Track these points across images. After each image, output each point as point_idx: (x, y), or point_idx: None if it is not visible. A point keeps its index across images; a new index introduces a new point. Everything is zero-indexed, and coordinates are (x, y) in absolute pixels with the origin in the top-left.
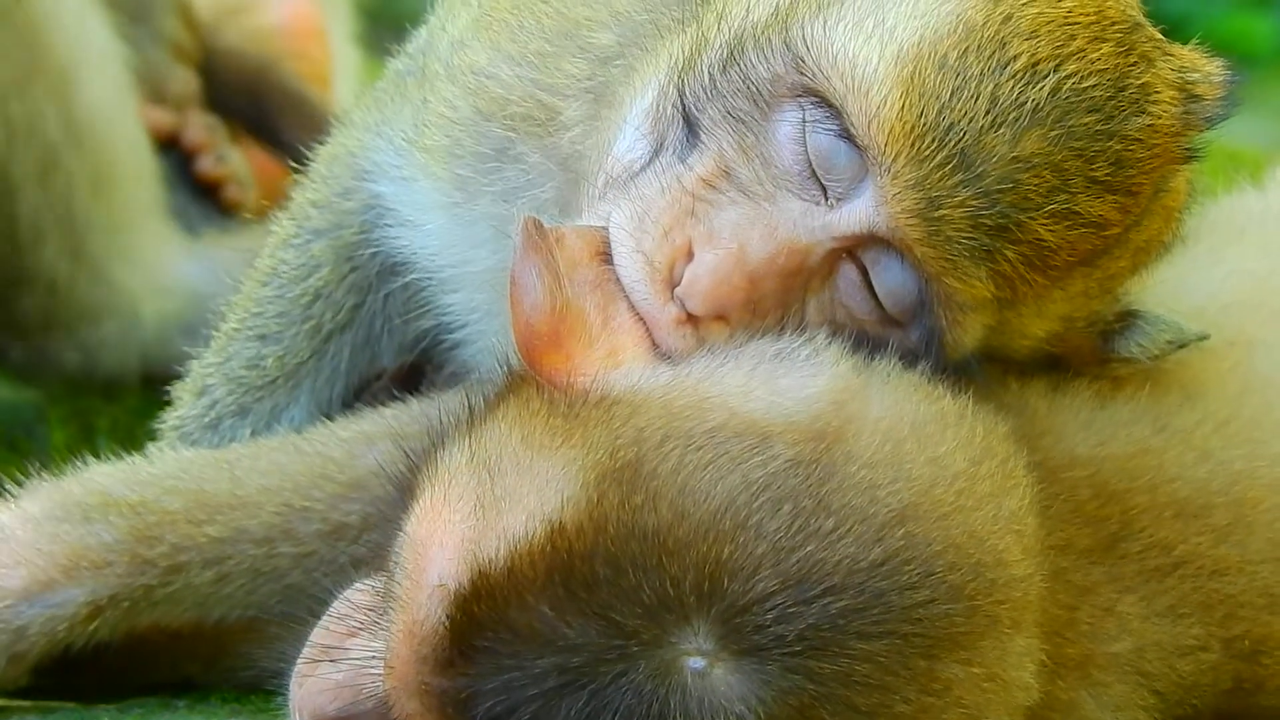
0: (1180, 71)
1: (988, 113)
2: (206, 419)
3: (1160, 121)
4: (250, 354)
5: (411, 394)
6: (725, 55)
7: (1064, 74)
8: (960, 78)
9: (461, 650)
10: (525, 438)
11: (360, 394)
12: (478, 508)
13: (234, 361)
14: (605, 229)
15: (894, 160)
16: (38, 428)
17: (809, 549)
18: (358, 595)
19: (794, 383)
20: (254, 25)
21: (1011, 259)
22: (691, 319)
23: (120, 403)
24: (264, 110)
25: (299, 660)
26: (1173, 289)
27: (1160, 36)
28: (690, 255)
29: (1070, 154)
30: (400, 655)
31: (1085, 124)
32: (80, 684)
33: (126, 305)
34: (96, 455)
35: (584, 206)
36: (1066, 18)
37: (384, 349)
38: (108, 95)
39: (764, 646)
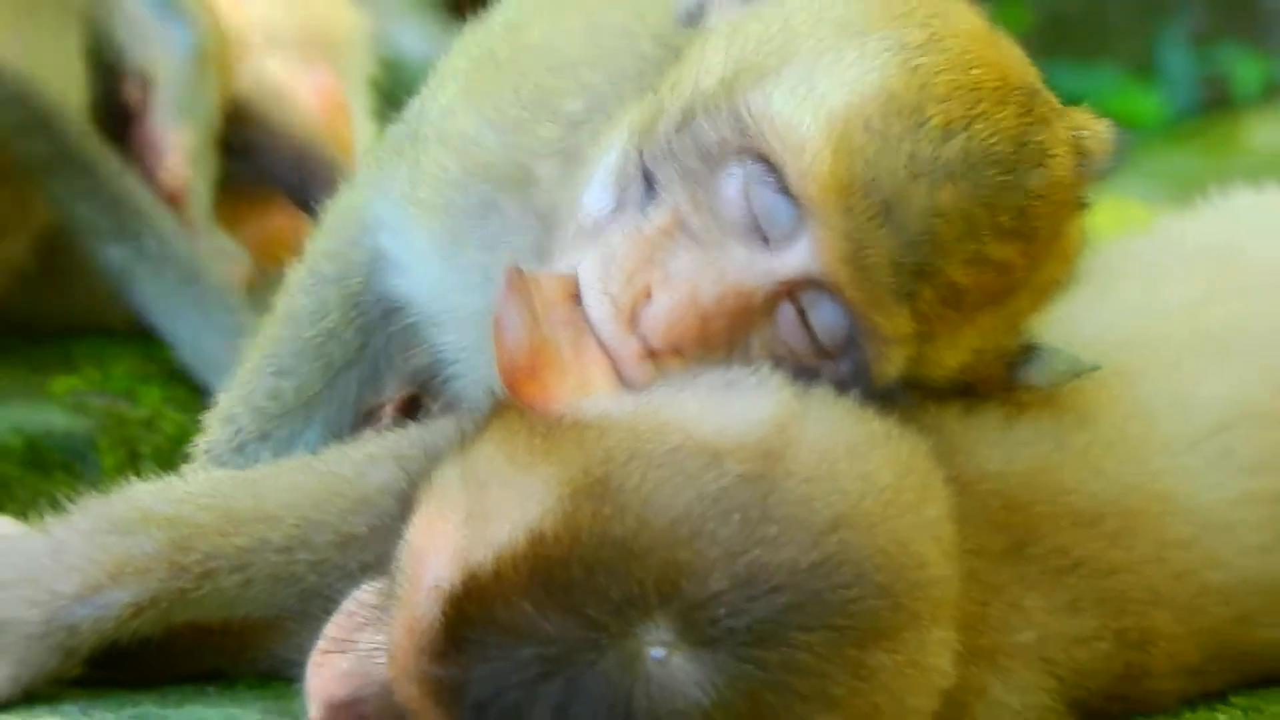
0: (1074, 131)
1: (907, 169)
2: (233, 444)
3: (1057, 175)
4: (270, 387)
5: (411, 421)
6: (679, 120)
7: (972, 134)
8: (883, 138)
9: (454, 642)
10: (509, 457)
11: (366, 420)
12: (468, 518)
13: (256, 393)
14: (576, 274)
15: (826, 211)
16: (89, 454)
17: (755, 553)
18: (365, 595)
19: (741, 408)
20: (296, 104)
21: (929, 298)
22: (652, 353)
23: (160, 431)
24: (304, 179)
25: (314, 651)
26: (1069, 324)
27: (1056, 101)
28: (650, 297)
29: (979, 204)
30: (401, 647)
31: (992, 178)
32: (125, 674)
33: None
34: (139, 477)
35: (557, 254)
36: (974, 84)
37: (387, 381)
38: None
39: (717, 638)
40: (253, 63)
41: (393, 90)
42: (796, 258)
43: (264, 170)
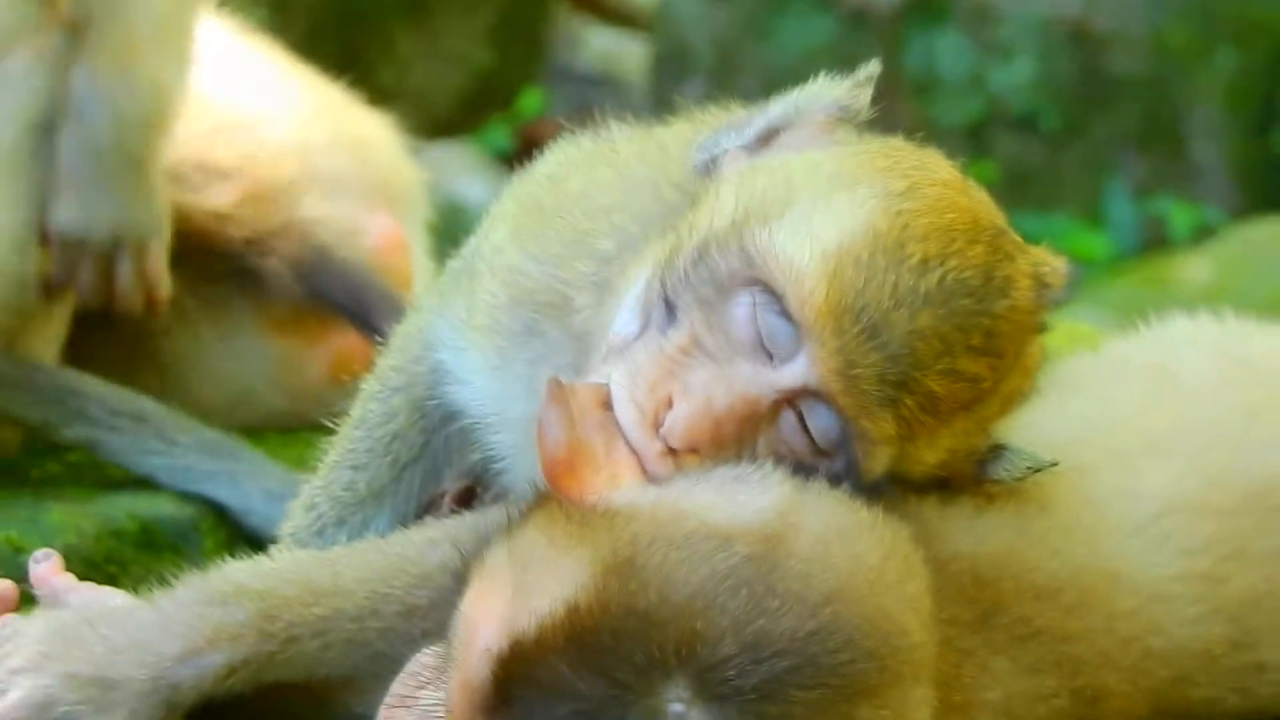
0: (1034, 265)
1: (891, 297)
2: (314, 528)
3: (1020, 302)
4: (346, 479)
5: (466, 509)
6: (695, 255)
7: (948, 267)
8: (870, 270)
9: (502, 699)
10: (549, 540)
11: (428, 509)
12: (514, 592)
13: (334, 485)
14: (607, 385)
15: (821, 332)
16: (193, 536)
17: (761, 623)
18: (426, 658)
19: (748, 499)
20: (362, 245)
21: (910, 406)
22: (672, 452)
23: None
24: (364, 306)
25: (382, 706)
26: (1031, 428)
27: (1019, 239)
28: (670, 405)
29: (953, 327)
30: (457, 703)
31: (964, 305)
32: None
33: None
34: (235, 557)
35: (592, 369)
36: (949, 226)
37: (446, 475)
38: None
39: (728, 695)
40: (319, 203)
41: (455, 232)
42: (796, 371)
43: (327, 295)
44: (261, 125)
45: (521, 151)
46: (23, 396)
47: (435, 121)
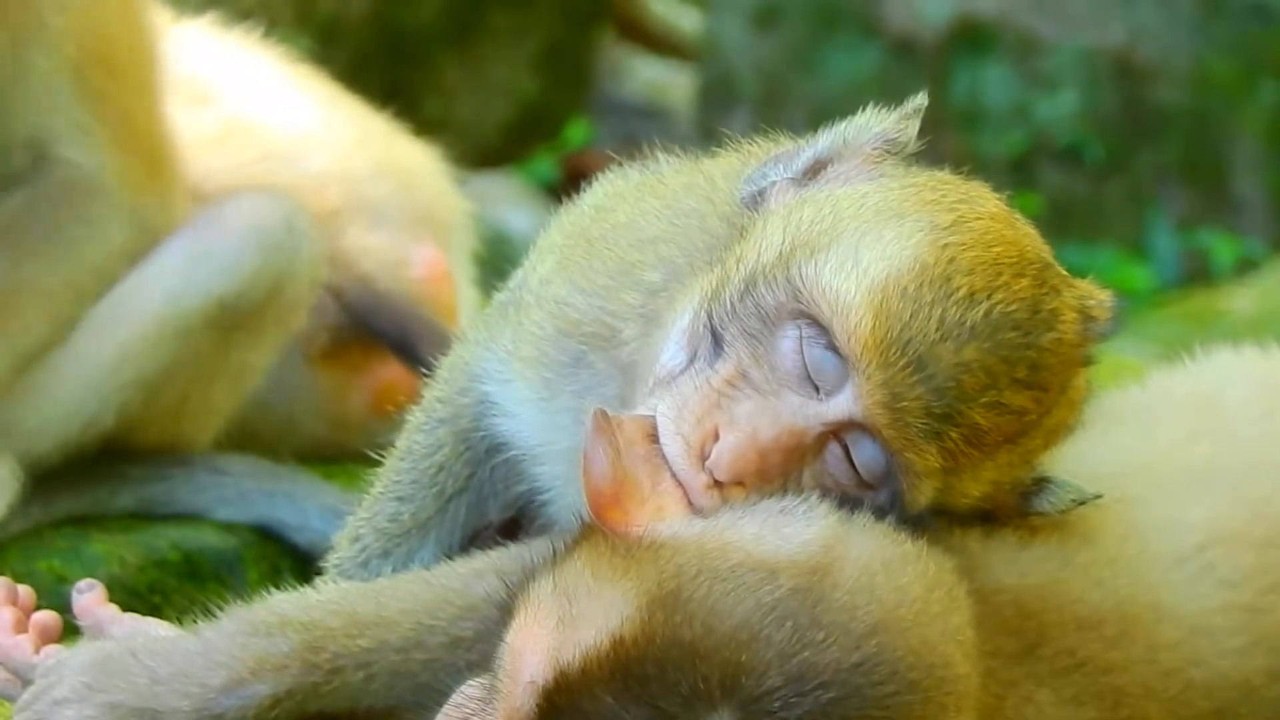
0: (1080, 298)
1: (937, 330)
2: (359, 559)
3: (1066, 336)
4: (391, 511)
5: (511, 541)
6: (742, 288)
7: (994, 301)
8: (916, 304)
9: None
10: (594, 572)
11: (473, 540)
12: (559, 624)
13: (379, 517)
14: (654, 417)
15: (868, 365)
16: (238, 566)
17: (805, 654)
18: (471, 689)
19: (794, 531)
20: (406, 275)
21: (955, 439)
22: (718, 484)
23: (298, 549)
24: (408, 337)
25: None
26: (1075, 460)
27: (1065, 272)
28: (717, 437)
29: (999, 360)
30: None
31: (1010, 338)
32: None
33: None
34: (279, 588)
35: (638, 401)
36: (996, 259)
37: (491, 507)
38: None
39: None
40: (364, 233)
41: (500, 262)
42: (842, 404)
43: (372, 325)
44: (306, 154)
45: (567, 182)
46: (63, 498)
47: (481, 152)
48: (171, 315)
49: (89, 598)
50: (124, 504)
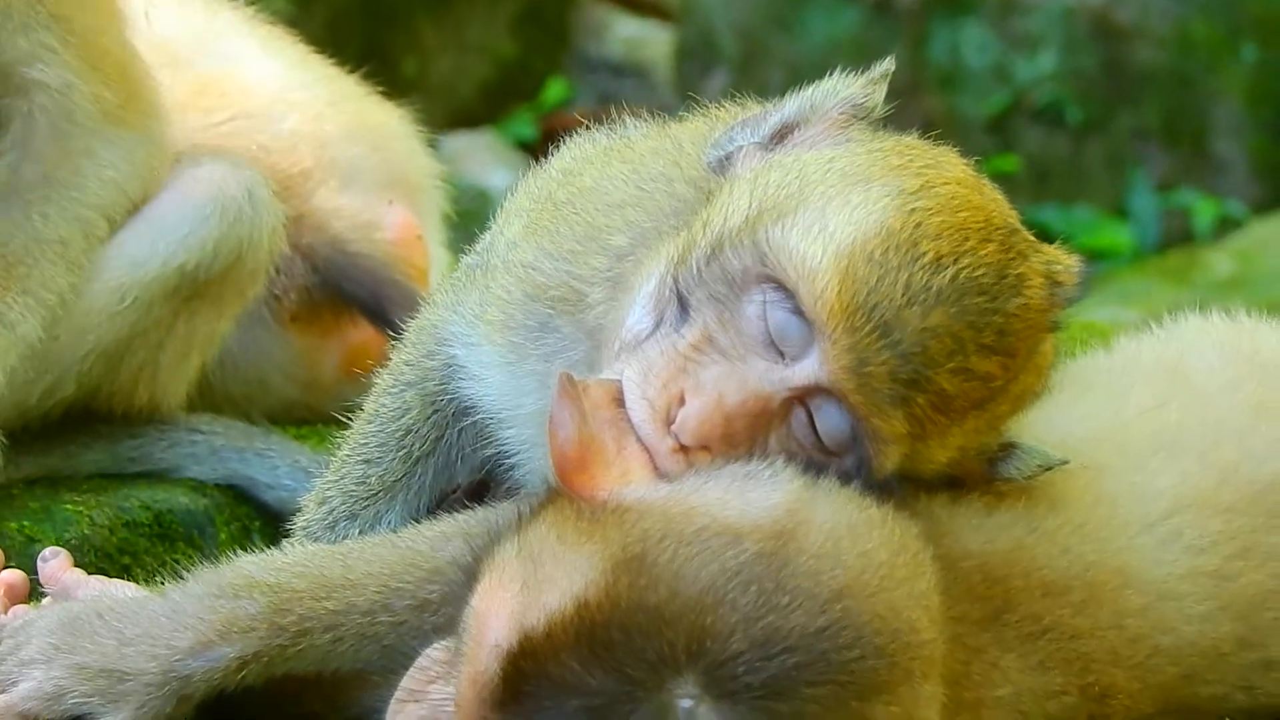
0: (1047, 264)
1: (903, 295)
2: (326, 521)
3: (1032, 301)
4: (359, 474)
5: (478, 504)
6: (709, 252)
7: (960, 266)
8: (883, 269)
9: (512, 694)
10: (560, 536)
11: (440, 504)
12: (524, 588)
13: (346, 479)
14: (620, 382)
15: (833, 330)
16: (208, 528)
17: (770, 619)
18: (436, 653)
19: (759, 496)
20: (377, 238)
21: (921, 404)
22: (683, 449)
23: (268, 510)
24: (379, 299)
25: (393, 700)
26: (1042, 426)
27: (1032, 237)
28: (682, 401)
29: (965, 325)
30: (466, 697)
31: (976, 303)
32: (232, 718)
33: None
34: (250, 549)
35: (605, 365)
36: (962, 224)
37: (458, 470)
38: None
39: (737, 692)
40: (335, 194)
41: (479, 221)
42: (808, 369)
43: (342, 288)
44: (277, 116)
45: (545, 141)
46: (33, 453)
47: (459, 111)
48: (132, 285)
49: (54, 564)
50: (96, 460)
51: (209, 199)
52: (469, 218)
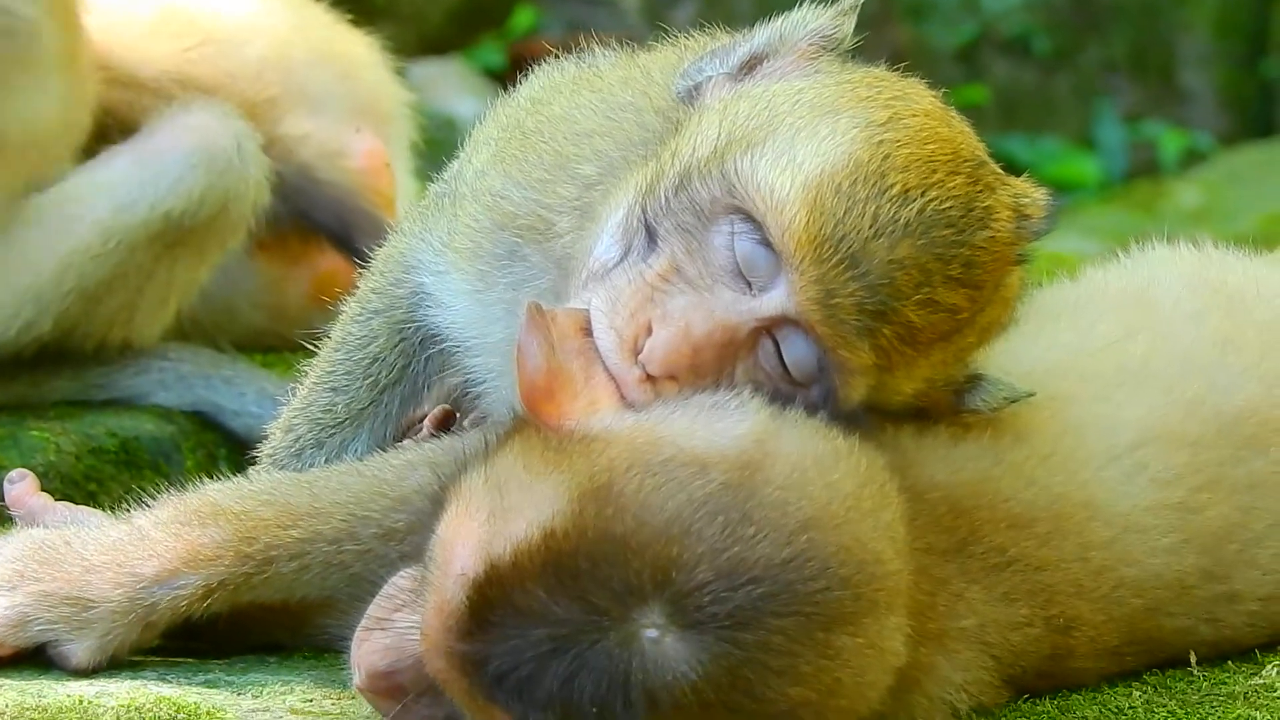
0: (1015, 197)
1: (871, 226)
2: (292, 449)
3: (1000, 234)
4: (325, 402)
5: (445, 433)
6: (677, 182)
7: (928, 198)
8: (850, 200)
9: (477, 623)
10: (526, 465)
11: (406, 432)
12: (490, 517)
13: (313, 407)
14: (587, 311)
15: (801, 261)
16: (174, 455)
17: (736, 550)
18: (402, 581)
19: (726, 426)
20: (345, 165)
21: (888, 336)
22: (650, 378)
23: (235, 437)
24: (346, 227)
25: (359, 628)
26: (1008, 358)
27: (1000, 170)
28: (649, 331)
29: (932, 258)
30: (432, 625)
31: (943, 235)
32: (197, 645)
33: None
34: (216, 476)
35: (572, 294)
36: (930, 156)
37: (425, 399)
38: None
39: (702, 622)
40: (302, 121)
41: (446, 149)
42: (775, 300)
43: (310, 216)
44: (244, 42)
45: (513, 70)
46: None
47: (428, 39)
48: (117, 227)
49: (20, 487)
50: (63, 387)
51: (198, 148)
52: (437, 146)
